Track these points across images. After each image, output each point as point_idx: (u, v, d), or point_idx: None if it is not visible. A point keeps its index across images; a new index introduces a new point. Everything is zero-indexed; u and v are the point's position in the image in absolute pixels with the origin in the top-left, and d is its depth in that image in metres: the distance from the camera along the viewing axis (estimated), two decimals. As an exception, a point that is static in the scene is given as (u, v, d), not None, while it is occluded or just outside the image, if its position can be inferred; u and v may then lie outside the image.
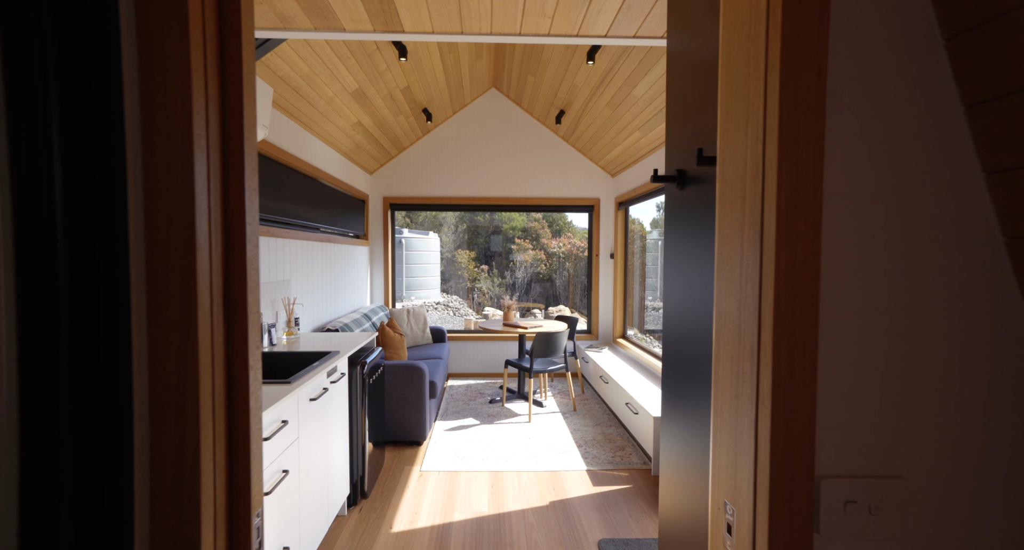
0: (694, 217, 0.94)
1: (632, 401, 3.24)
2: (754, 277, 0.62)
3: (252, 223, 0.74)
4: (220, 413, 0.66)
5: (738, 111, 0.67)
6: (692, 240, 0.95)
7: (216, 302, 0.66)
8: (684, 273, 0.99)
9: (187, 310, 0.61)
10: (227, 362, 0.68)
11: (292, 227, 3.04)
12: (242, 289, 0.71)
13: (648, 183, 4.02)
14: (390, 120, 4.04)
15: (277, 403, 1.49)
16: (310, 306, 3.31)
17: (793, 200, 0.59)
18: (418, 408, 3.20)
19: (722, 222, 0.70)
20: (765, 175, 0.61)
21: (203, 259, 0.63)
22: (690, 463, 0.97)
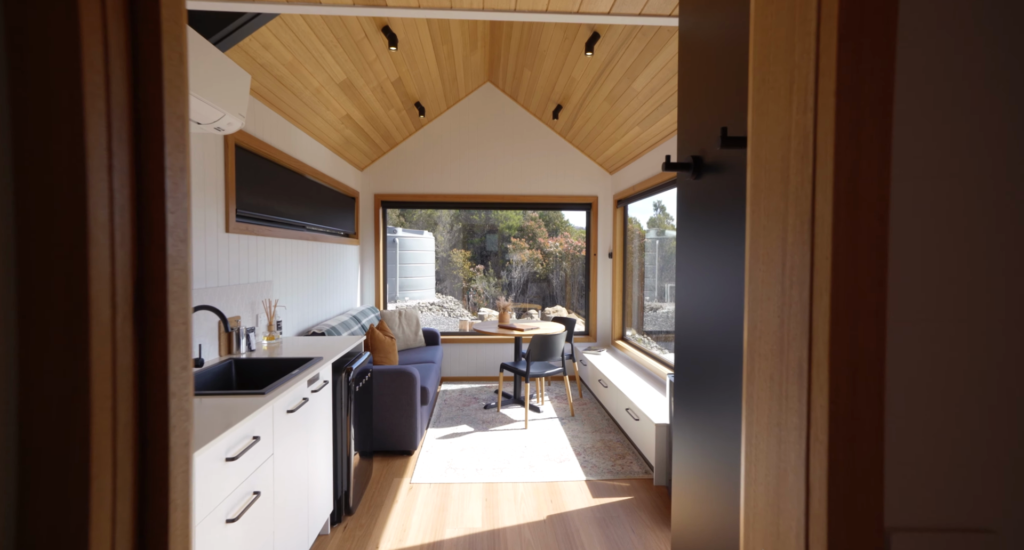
0: (713, 209, 0.81)
1: (632, 407, 3.11)
2: (802, 278, 0.49)
3: (177, 211, 0.59)
4: (126, 475, 0.52)
5: (778, 76, 0.54)
6: (711, 235, 0.82)
7: (122, 314, 0.52)
8: (701, 272, 0.86)
9: (75, 326, 0.47)
10: (138, 391, 0.54)
11: (275, 225, 2.89)
12: (161, 295, 0.57)
13: (648, 180, 3.89)
14: (381, 114, 3.89)
15: (248, 417, 1.35)
16: (295, 308, 3.16)
17: (853, 182, 0.46)
18: (409, 415, 3.06)
19: (756, 212, 0.57)
20: (817, 152, 0.48)
21: (100, 257, 0.49)
22: (707, 479, 0.84)
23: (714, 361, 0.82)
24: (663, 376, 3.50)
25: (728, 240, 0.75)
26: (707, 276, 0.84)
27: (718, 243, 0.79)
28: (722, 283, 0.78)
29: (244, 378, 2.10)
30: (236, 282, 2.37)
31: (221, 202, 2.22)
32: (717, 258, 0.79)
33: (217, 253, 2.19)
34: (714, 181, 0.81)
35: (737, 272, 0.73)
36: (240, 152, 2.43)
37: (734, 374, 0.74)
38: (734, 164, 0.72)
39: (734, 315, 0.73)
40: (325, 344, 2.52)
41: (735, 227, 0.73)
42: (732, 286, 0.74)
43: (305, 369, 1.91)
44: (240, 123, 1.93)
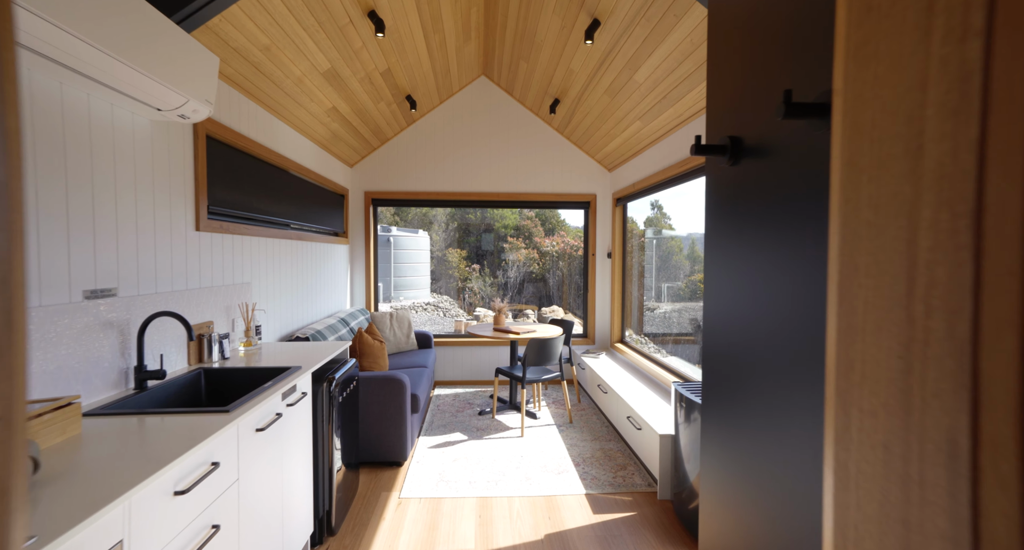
0: (757, 200, 0.65)
1: (634, 415, 2.96)
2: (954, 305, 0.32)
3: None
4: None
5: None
6: (754, 233, 0.65)
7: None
8: (740, 277, 0.70)
9: None
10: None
11: (254, 223, 2.71)
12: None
13: (649, 177, 3.73)
14: (370, 107, 3.71)
15: (204, 442, 1.18)
16: (277, 311, 2.98)
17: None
18: (398, 425, 2.88)
19: (852, 203, 0.41)
20: (990, 102, 0.31)
21: None
22: (748, 509, 0.68)
23: (759, 380, 0.66)
24: (667, 383, 3.35)
25: (782, 239, 0.58)
26: (749, 282, 0.67)
27: (765, 243, 0.63)
28: (771, 292, 0.62)
29: (214, 390, 1.92)
30: (209, 285, 2.18)
31: (190, 198, 2.04)
32: (765, 260, 0.63)
33: (185, 254, 2.00)
34: (759, 166, 0.64)
35: (797, 280, 0.56)
36: (213, 144, 2.24)
37: (790, 402, 0.59)
38: (794, 142, 0.56)
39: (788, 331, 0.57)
40: (307, 351, 2.34)
41: (794, 223, 0.56)
42: (787, 297, 0.58)
43: (279, 381, 1.73)
44: (208, 110, 1.75)
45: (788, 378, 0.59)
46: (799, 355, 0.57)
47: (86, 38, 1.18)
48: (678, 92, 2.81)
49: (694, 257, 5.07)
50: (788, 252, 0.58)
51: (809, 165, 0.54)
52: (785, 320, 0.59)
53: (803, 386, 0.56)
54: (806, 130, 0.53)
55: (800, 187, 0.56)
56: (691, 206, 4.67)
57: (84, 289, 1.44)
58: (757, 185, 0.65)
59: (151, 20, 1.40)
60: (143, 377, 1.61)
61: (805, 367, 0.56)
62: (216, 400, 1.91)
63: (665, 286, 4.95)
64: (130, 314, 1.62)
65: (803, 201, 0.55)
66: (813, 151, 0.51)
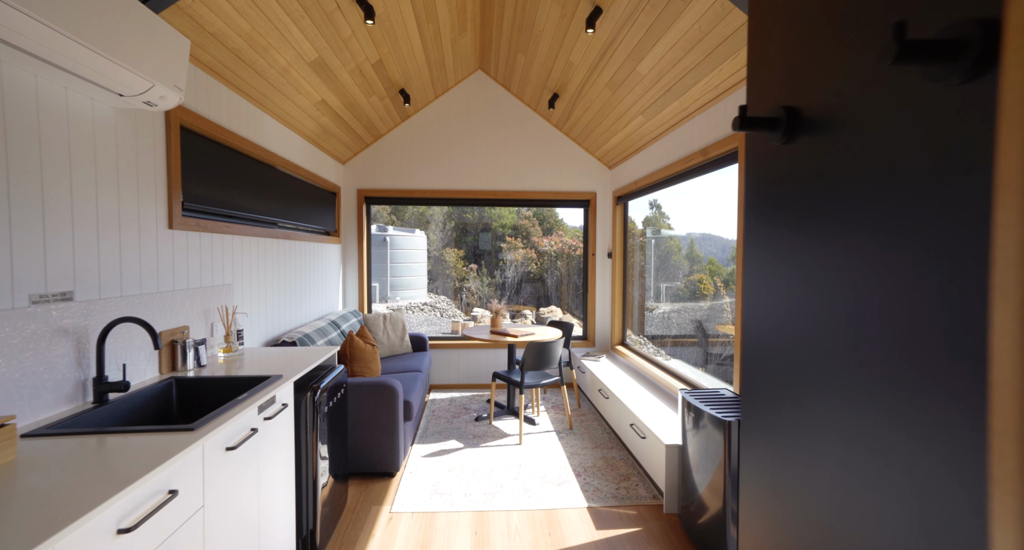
0: (822, 186, 0.51)
1: (638, 423, 2.82)
2: None
3: None
4: None
5: None
6: (822, 223, 0.52)
7: None
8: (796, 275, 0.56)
9: None
10: None
11: (236, 221, 2.56)
12: None
13: (652, 175, 3.60)
14: (362, 101, 3.56)
15: (159, 468, 1.03)
16: (263, 314, 2.83)
17: None
18: (390, 433, 2.74)
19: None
20: None
21: None
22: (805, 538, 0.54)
23: (825, 395, 0.52)
24: (671, 389, 3.21)
25: (867, 231, 0.44)
26: (811, 283, 0.53)
27: (837, 236, 0.49)
28: (849, 296, 0.48)
29: (187, 401, 1.77)
30: (184, 287, 2.03)
31: (161, 193, 1.89)
32: (837, 261, 0.49)
33: (157, 254, 1.85)
34: (827, 143, 0.50)
35: (887, 282, 0.43)
36: (188, 136, 2.09)
37: (875, 423, 0.45)
38: (891, 104, 0.42)
39: (876, 341, 0.43)
40: (292, 357, 2.19)
41: (888, 211, 0.42)
42: (874, 302, 0.44)
43: (256, 393, 1.58)
44: (177, 98, 1.61)
45: (870, 396, 0.45)
46: (886, 371, 0.43)
47: (24, 8, 1.04)
48: (683, 84, 2.68)
49: (693, 257, 4.96)
50: (874, 248, 0.44)
51: (917, 131, 0.40)
52: (874, 330, 0.45)
53: (894, 406, 0.42)
54: (913, 84, 0.39)
55: (904, 162, 0.42)
56: (690, 206, 4.55)
57: (31, 293, 1.29)
58: (828, 165, 0.51)
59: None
60: (104, 389, 1.46)
61: (896, 385, 0.42)
62: (188, 413, 1.76)
63: (664, 286, 4.82)
64: (88, 320, 1.47)
65: (906, 181, 0.41)
66: (929, 112, 0.37)
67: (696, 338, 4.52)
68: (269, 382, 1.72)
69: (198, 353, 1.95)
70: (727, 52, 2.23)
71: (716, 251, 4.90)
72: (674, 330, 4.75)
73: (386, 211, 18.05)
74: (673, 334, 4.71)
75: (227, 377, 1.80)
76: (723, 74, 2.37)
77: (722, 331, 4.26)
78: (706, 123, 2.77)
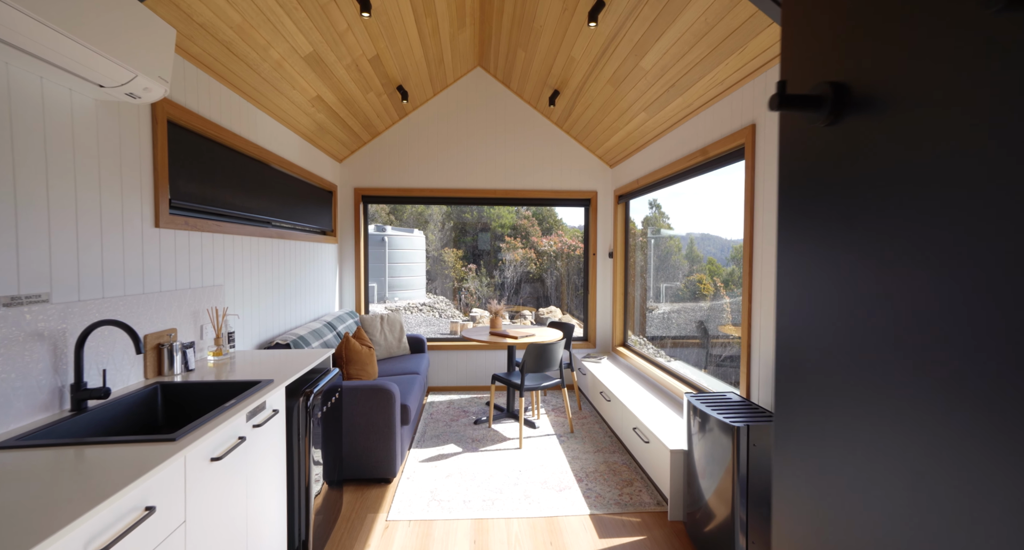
0: (870, 176, 0.44)
1: (641, 427, 2.75)
2: None
3: None
4: None
5: None
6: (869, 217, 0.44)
7: None
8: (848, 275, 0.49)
9: None
10: None
11: (228, 220, 2.48)
12: None
13: (654, 172, 3.53)
14: (358, 97, 3.49)
15: (133, 484, 0.96)
16: (256, 316, 2.75)
17: None
18: (387, 438, 2.66)
19: None
20: None
21: None
22: None
23: (875, 401, 0.45)
24: (675, 391, 3.13)
25: (941, 224, 0.37)
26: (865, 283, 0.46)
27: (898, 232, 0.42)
28: (919, 299, 0.41)
29: (174, 407, 1.69)
30: (172, 288, 1.96)
31: (148, 191, 1.81)
32: (901, 259, 0.42)
33: (142, 253, 1.78)
34: (881, 124, 0.43)
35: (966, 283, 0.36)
36: (177, 131, 2.02)
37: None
38: (968, 84, 0.35)
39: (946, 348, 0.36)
40: (285, 360, 2.12)
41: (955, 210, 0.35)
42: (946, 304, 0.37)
43: (244, 399, 1.51)
44: (162, 90, 1.53)
45: (935, 402, 0.38)
46: (982, 388, 0.36)
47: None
48: (688, 80, 2.61)
49: (692, 257, 4.91)
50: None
51: (1005, 112, 0.33)
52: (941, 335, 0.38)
53: (994, 433, 0.35)
54: (1009, 49, 0.32)
55: (978, 151, 0.35)
56: (690, 205, 4.49)
57: (2, 295, 1.21)
58: (889, 150, 0.44)
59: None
60: (82, 397, 1.38)
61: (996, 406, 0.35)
62: (174, 420, 1.68)
63: (664, 286, 4.76)
64: (66, 323, 1.40)
65: (981, 171, 0.34)
66: None
67: (698, 339, 4.46)
68: (259, 387, 1.65)
69: (186, 357, 1.87)
70: (734, 45, 2.16)
71: (715, 251, 4.85)
72: (674, 331, 4.69)
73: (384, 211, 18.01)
74: (673, 335, 4.65)
75: (215, 382, 1.73)
76: (729, 68, 2.31)
77: (724, 332, 4.19)
78: (711, 120, 2.70)
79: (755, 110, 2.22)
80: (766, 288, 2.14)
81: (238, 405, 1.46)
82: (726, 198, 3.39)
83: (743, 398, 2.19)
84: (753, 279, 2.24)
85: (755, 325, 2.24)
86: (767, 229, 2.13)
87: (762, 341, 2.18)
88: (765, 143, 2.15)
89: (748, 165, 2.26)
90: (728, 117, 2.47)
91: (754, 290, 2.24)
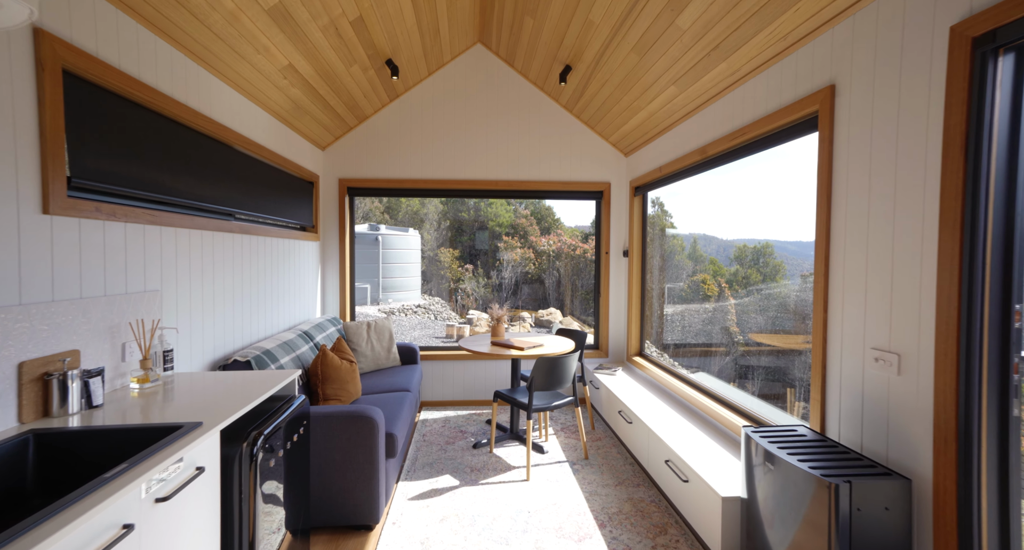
0: None
1: (677, 460, 2.27)
2: None
3: None
4: None
5: None
6: None
7: None
8: None
9: None
10: None
11: (171, 209, 1.99)
12: None
13: (681, 159, 3.05)
14: (340, 71, 3.00)
15: None
16: (210, 327, 2.26)
17: None
18: (368, 476, 2.18)
19: None
20: None
21: None
22: None
23: None
24: (707, 411, 2.64)
25: None
26: None
27: None
28: None
29: (55, 467, 1.20)
30: (73, 296, 1.47)
31: (30, 163, 1.32)
32: None
33: (18, 248, 1.29)
34: None
35: None
36: (82, 87, 1.53)
37: None
38: None
39: None
40: (234, 386, 1.64)
41: None
42: None
43: (143, 461, 1.03)
44: (25, 13, 1.05)
45: None
46: None
47: None
48: (738, 38, 2.14)
49: (696, 257, 4.55)
50: None
51: None
52: None
53: None
54: None
55: None
56: (694, 204, 4.08)
57: None
58: None
59: None
60: None
61: None
62: (56, 485, 1.19)
63: (667, 287, 4.33)
64: None
65: None
66: None
67: (723, 346, 4.00)
68: (177, 436, 1.16)
69: (88, 389, 1.39)
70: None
71: (714, 250, 4.52)
72: (685, 335, 4.25)
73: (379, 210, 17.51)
74: (689, 341, 4.19)
75: (116, 428, 1.24)
76: (799, 16, 1.83)
77: (755, 339, 3.74)
78: (762, 88, 2.23)
79: (835, 66, 1.75)
80: (852, 291, 1.67)
81: (128, 474, 0.98)
82: (771, 186, 2.93)
83: (818, 434, 1.72)
84: (831, 281, 1.77)
85: (832, 339, 1.77)
86: (855, 217, 1.66)
87: (844, 360, 1.71)
88: (850, 108, 1.68)
89: (823, 138, 1.79)
90: (791, 81, 2.00)
91: (832, 295, 1.77)
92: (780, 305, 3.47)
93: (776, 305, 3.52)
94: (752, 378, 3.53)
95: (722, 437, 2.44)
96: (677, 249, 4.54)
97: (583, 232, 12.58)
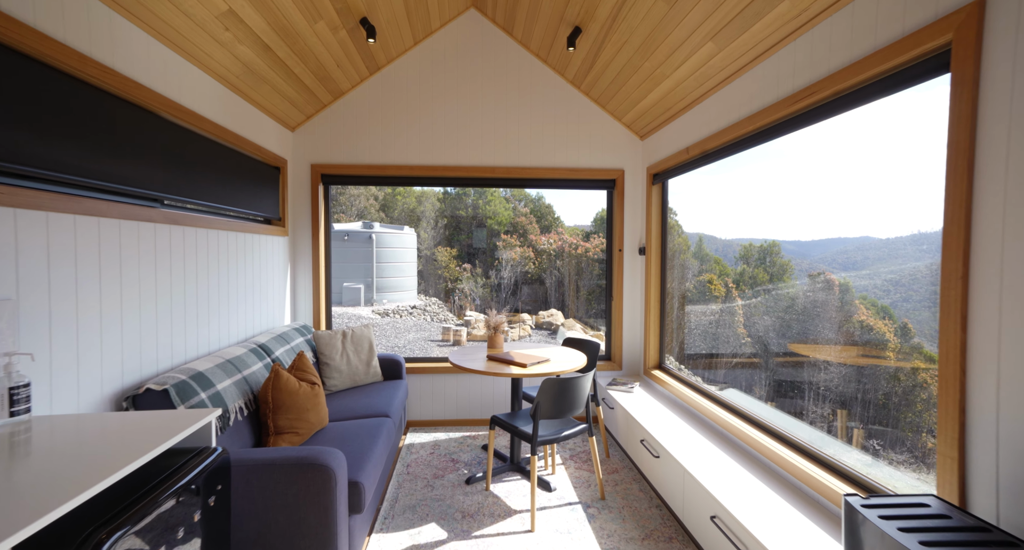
0: None
1: (727, 518, 1.74)
2: None
3: None
4: None
5: None
6: None
7: None
8: None
9: None
10: None
11: (45, 185, 1.45)
12: None
13: (723, 132, 2.52)
14: (302, 28, 2.46)
15: None
16: (117, 346, 1.72)
17: None
18: (323, 542, 1.64)
19: None
20: None
21: None
22: None
23: None
24: (781, 462, 2.07)
25: None
26: None
27: None
28: None
29: None
30: None
31: None
32: None
33: None
34: None
35: None
36: None
37: None
38: None
39: None
40: (109, 437, 1.11)
41: None
42: None
43: None
44: None
45: None
46: None
47: None
48: (810, -37, 1.60)
49: (702, 256, 4.21)
50: None
51: None
52: None
53: None
54: None
55: None
56: (698, 201, 3.61)
57: None
58: None
59: None
60: None
61: None
62: None
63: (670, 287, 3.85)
64: None
65: None
66: None
67: (762, 359, 3.47)
68: None
69: None
70: None
71: (718, 247, 4.10)
72: (700, 342, 3.74)
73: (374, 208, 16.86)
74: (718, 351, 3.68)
75: None
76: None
77: (793, 350, 3.21)
78: (851, 26, 1.69)
79: (982, -24, 1.22)
80: (1013, 298, 1.14)
81: None
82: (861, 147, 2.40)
83: (962, 511, 1.18)
84: (970, 286, 1.24)
85: (974, 369, 1.23)
86: (1018, 189, 1.13)
87: (1002, 402, 1.17)
88: (1018, 30, 1.14)
89: (960, 81, 1.25)
90: (899, 9, 1.47)
91: (973, 305, 1.23)
92: (819, 313, 2.95)
93: (816, 314, 3.00)
94: (792, 396, 3.01)
95: (781, 484, 1.91)
96: (682, 248, 4.13)
97: (584, 231, 12.06)
